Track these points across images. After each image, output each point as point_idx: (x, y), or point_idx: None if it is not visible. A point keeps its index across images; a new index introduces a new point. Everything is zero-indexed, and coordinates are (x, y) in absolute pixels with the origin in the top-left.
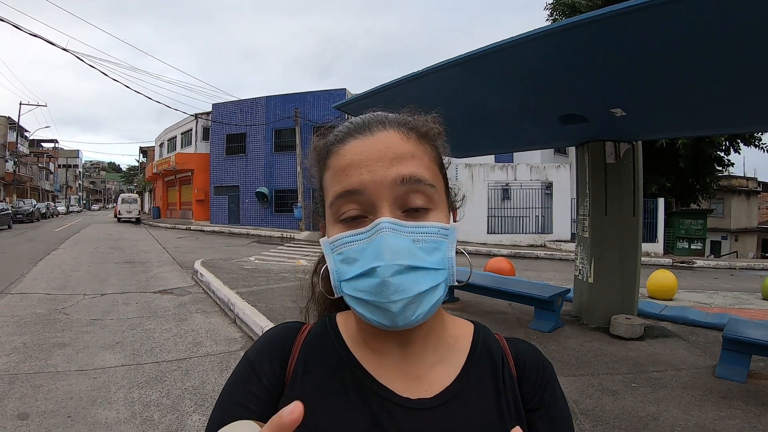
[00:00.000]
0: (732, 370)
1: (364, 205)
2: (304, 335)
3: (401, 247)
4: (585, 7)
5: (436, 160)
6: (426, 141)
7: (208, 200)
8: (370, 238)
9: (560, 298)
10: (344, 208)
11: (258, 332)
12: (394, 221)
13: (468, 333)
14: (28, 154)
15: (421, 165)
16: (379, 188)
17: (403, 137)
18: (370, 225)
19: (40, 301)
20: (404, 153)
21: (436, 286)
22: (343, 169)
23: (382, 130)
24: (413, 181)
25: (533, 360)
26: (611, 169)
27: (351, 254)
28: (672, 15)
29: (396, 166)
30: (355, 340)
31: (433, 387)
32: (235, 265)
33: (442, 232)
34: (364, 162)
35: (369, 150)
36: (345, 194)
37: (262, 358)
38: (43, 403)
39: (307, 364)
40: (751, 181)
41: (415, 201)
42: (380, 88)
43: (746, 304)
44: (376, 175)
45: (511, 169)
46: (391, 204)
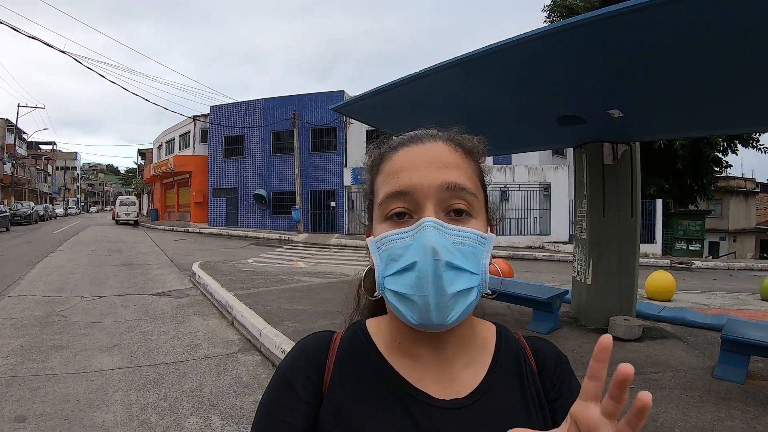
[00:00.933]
0: (731, 371)
1: (411, 204)
2: (337, 344)
3: (442, 245)
4: (582, 9)
5: (478, 175)
6: (471, 157)
7: (206, 202)
8: (415, 236)
9: (558, 300)
10: (392, 206)
11: (256, 335)
12: (437, 221)
13: (492, 333)
14: (26, 156)
15: (465, 176)
16: (426, 190)
17: (450, 150)
18: (415, 224)
19: (38, 304)
20: (450, 162)
21: (470, 289)
22: (395, 172)
23: (432, 141)
24: (457, 189)
25: (551, 355)
26: (609, 170)
27: (396, 251)
28: (669, 15)
29: (443, 173)
30: (389, 345)
31: (465, 387)
32: (233, 267)
33: (480, 240)
34: (414, 166)
35: (419, 157)
36: (395, 194)
37: (298, 371)
38: (41, 405)
39: (342, 374)
40: (749, 181)
41: (458, 205)
42: (379, 90)
43: (745, 304)
44: (424, 178)
45: (509, 170)
46: (435, 206)
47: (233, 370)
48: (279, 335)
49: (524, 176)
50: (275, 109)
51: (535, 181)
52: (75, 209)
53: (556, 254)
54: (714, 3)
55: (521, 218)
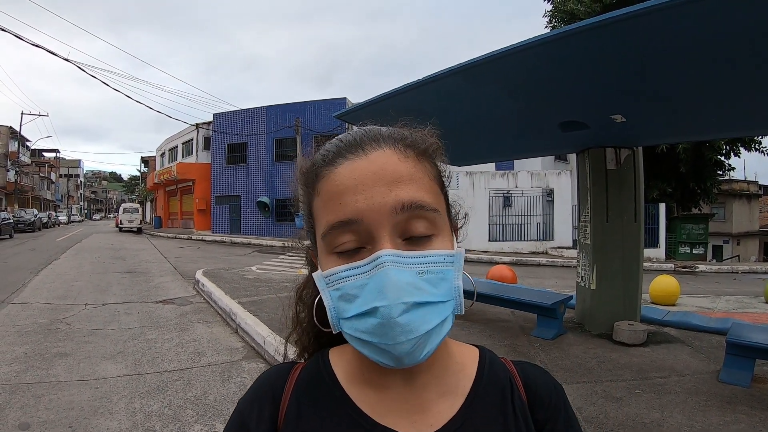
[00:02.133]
0: (736, 375)
1: (361, 235)
2: (296, 376)
3: (405, 282)
4: (584, 14)
5: (436, 179)
6: (425, 159)
7: (209, 210)
8: (371, 273)
9: (563, 305)
10: (339, 240)
11: (260, 342)
12: (396, 253)
13: (473, 358)
14: (29, 163)
15: (422, 188)
16: (377, 216)
17: (400, 157)
18: (369, 258)
19: (42, 311)
20: (403, 175)
21: (444, 321)
22: (336, 196)
23: (376, 148)
24: (415, 208)
25: (544, 385)
26: (612, 175)
27: (349, 290)
28: (671, 20)
29: (395, 190)
30: (352, 377)
31: (438, 419)
32: (236, 274)
33: (448, 260)
34: (358, 188)
35: (363, 173)
36: (339, 225)
37: (252, 405)
38: (45, 413)
39: (300, 408)
40: (752, 184)
41: (418, 228)
42: (381, 97)
43: (749, 308)
44: (373, 202)
45: (512, 176)
46: (390, 233)
47: (237, 378)
48: (283, 343)
49: (527, 182)
50: (278, 117)
51: (538, 186)
52: (78, 217)
53: (559, 260)
54: (713, 8)
55: (524, 224)
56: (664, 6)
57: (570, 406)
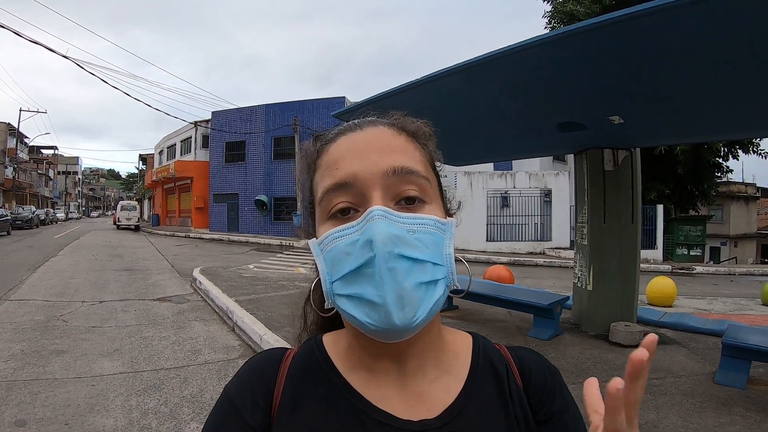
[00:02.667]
0: (732, 377)
1: (355, 196)
2: (289, 362)
3: (395, 235)
4: (583, 15)
5: (428, 160)
6: (416, 140)
7: (207, 208)
8: (362, 229)
9: (559, 306)
10: (333, 202)
11: (257, 340)
12: (386, 209)
13: (467, 345)
14: (27, 160)
15: (412, 158)
16: (370, 177)
17: (394, 133)
18: (361, 216)
19: (39, 308)
20: (395, 146)
21: (435, 282)
22: (333, 162)
23: (372, 126)
24: (405, 172)
25: (538, 368)
26: (610, 176)
27: (342, 249)
28: (670, 22)
29: (387, 157)
30: (347, 360)
31: (436, 405)
32: (233, 273)
33: (439, 226)
34: (354, 153)
35: (359, 143)
36: (335, 187)
37: (244, 392)
38: (41, 410)
39: (295, 395)
40: (750, 186)
41: (409, 191)
42: (379, 96)
43: (746, 309)
44: (366, 165)
45: (510, 176)
46: (383, 194)
47: None
48: (280, 341)
49: (525, 182)
50: (276, 115)
51: (536, 187)
52: (76, 214)
53: (557, 260)
54: (715, 9)
55: (522, 224)
56: (663, 8)
57: (566, 389)
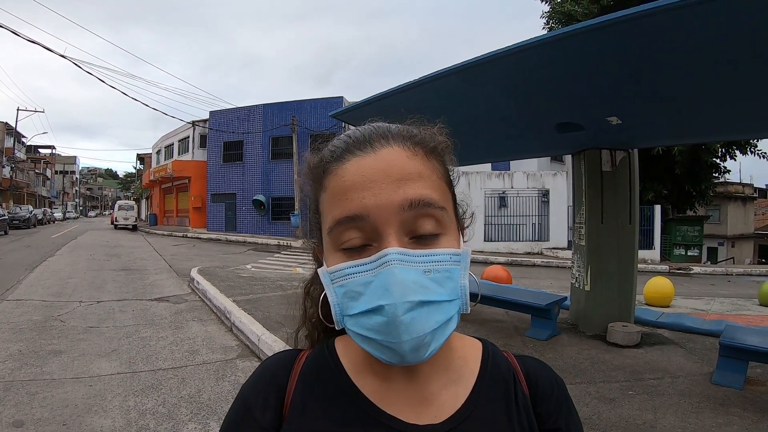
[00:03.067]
0: (729, 377)
1: (368, 232)
2: (301, 364)
3: (411, 281)
4: (581, 16)
5: (444, 177)
6: (434, 157)
7: (205, 208)
8: (376, 271)
9: (557, 306)
10: (345, 236)
11: (255, 341)
12: (402, 251)
13: (477, 351)
14: (25, 159)
15: (430, 185)
16: (384, 213)
17: (409, 154)
18: (375, 255)
19: (36, 308)
20: (411, 173)
21: (449, 320)
22: (343, 192)
23: (385, 145)
24: (422, 205)
25: (546, 379)
26: (607, 176)
27: (354, 287)
28: (669, 23)
29: (403, 188)
30: (357, 366)
31: (443, 411)
32: (231, 273)
33: (455, 259)
34: (366, 184)
35: (371, 170)
36: (345, 220)
37: (257, 394)
38: (39, 410)
39: (305, 397)
40: (747, 187)
41: (425, 227)
42: (377, 97)
43: (743, 310)
44: (380, 198)
45: (508, 176)
46: (397, 231)
47: (232, 376)
48: (277, 341)
49: (523, 182)
50: (274, 115)
51: (533, 187)
52: (73, 213)
53: (554, 260)
54: (715, 10)
55: (520, 224)
56: (662, 9)
57: (571, 401)
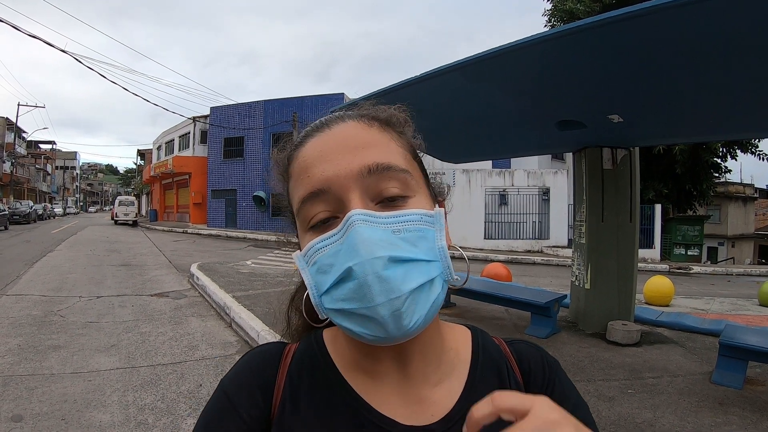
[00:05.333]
0: (729, 377)
1: (332, 203)
2: (289, 359)
3: (378, 238)
4: (583, 14)
5: (407, 148)
6: (391, 128)
7: (205, 204)
8: (343, 237)
9: (557, 304)
10: (311, 212)
11: (254, 336)
12: (366, 212)
13: (467, 340)
14: (25, 155)
15: (388, 152)
16: (344, 182)
17: (363, 126)
18: (341, 223)
19: (36, 303)
20: (366, 140)
21: (431, 281)
22: (304, 170)
23: (340, 123)
24: (382, 169)
25: (537, 361)
26: (608, 175)
27: (326, 260)
28: (669, 22)
29: (359, 155)
30: (347, 361)
31: (438, 409)
32: (231, 268)
33: (426, 219)
34: (323, 157)
35: (328, 144)
36: (310, 196)
37: (241, 389)
38: (38, 405)
39: (295, 395)
40: (748, 187)
41: (390, 190)
42: (378, 93)
43: (743, 310)
44: (339, 167)
45: (509, 174)
46: (361, 196)
47: None
48: (277, 337)
49: (523, 180)
50: (275, 111)
51: (534, 185)
52: (74, 209)
53: (554, 259)
54: (718, 8)
55: (520, 222)
56: (663, 7)
57: (566, 379)
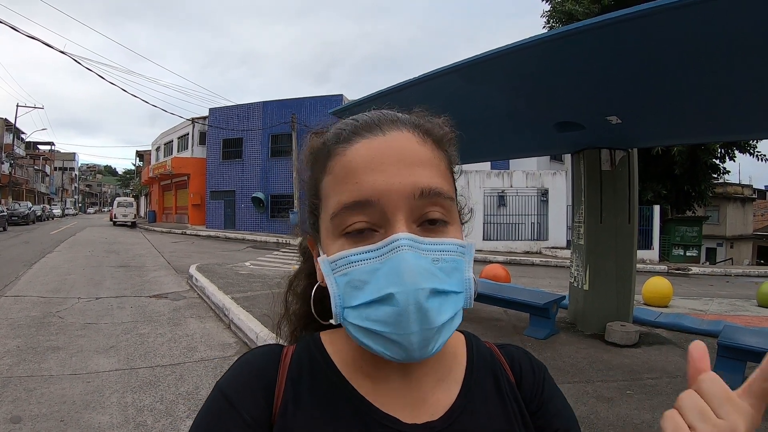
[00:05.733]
0: (727, 378)
1: (375, 217)
2: (288, 360)
3: (423, 268)
4: (582, 15)
5: (450, 169)
6: (441, 147)
7: (204, 205)
8: (384, 258)
9: (555, 305)
10: (350, 220)
11: (253, 338)
12: (413, 237)
13: (461, 344)
14: (24, 156)
15: (439, 174)
16: (395, 198)
17: (419, 140)
18: (383, 241)
19: (35, 304)
20: (422, 159)
21: (456, 314)
22: (351, 174)
23: (395, 129)
24: (433, 194)
25: (527, 364)
26: (607, 176)
27: (359, 276)
28: (667, 24)
29: (414, 174)
30: (349, 364)
31: (438, 408)
32: (230, 270)
33: (460, 250)
34: (377, 166)
35: (382, 152)
36: (354, 205)
37: (242, 390)
38: (36, 406)
39: (296, 395)
40: (747, 188)
41: (434, 215)
42: (377, 94)
43: (742, 310)
44: (392, 182)
45: (507, 175)
46: (407, 217)
47: None
48: (275, 338)
49: (522, 181)
50: (274, 113)
51: (533, 186)
52: (72, 210)
53: (553, 260)
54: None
55: (519, 223)
56: (662, 8)
57: (552, 381)
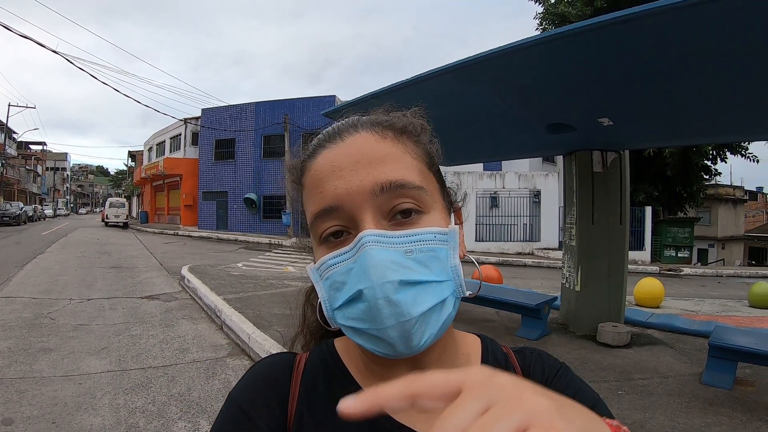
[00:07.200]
0: (718, 377)
1: (344, 219)
2: (301, 368)
3: (389, 261)
4: (575, 17)
5: (422, 158)
6: (406, 138)
7: (196, 206)
8: (355, 257)
9: (547, 306)
10: (323, 227)
11: (245, 339)
12: (378, 233)
13: (476, 347)
14: (15, 156)
15: (402, 166)
16: (356, 199)
17: (377, 138)
18: (353, 241)
19: (26, 306)
20: (380, 155)
21: (442, 302)
22: (317, 185)
23: (353, 133)
24: (394, 187)
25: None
26: (598, 177)
27: (338, 277)
28: (659, 26)
29: (372, 172)
30: (362, 370)
31: None
32: (222, 271)
33: (440, 237)
34: (336, 172)
35: (339, 158)
36: (322, 213)
37: (256, 399)
38: (28, 408)
39: (310, 404)
40: (738, 189)
41: (402, 205)
42: (369, 95)
43: (733, 311)
44: (350, 185)
45: (500, 177)
46: (374, 215)
47: (222, 375)
48: (268, 340)
49: (514, 183)
50: (266, 113)
51: (525, 187)
52: (64, 210)
53: (545, 261)
54: (699, 16)
55: (511, 225)
56: (654, 11)
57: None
